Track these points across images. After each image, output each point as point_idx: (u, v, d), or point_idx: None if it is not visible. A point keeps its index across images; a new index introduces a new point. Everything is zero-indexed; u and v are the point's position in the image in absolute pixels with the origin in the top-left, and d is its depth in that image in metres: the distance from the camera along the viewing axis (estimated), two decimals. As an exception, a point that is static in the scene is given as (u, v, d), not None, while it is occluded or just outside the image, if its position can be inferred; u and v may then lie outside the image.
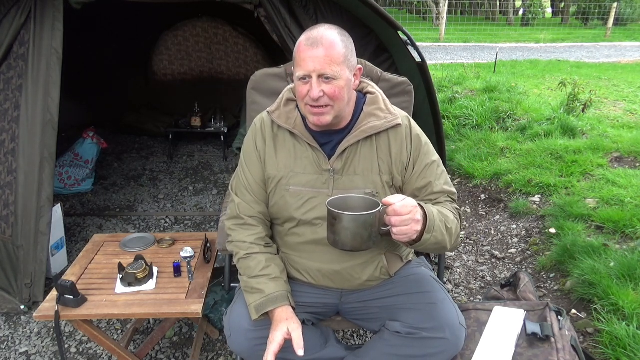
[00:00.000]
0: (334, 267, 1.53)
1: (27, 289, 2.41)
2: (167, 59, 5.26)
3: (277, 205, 1.55)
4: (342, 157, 1.49)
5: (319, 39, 1.36)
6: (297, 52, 1.40)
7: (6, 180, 2.41)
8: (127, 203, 3.69)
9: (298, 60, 1.40)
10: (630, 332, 1.92)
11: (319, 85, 1.37)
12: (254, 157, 1.56)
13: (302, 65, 1.38)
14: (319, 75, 1.36)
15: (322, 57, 1.35)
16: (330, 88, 1.37)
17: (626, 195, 3.00)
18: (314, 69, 1.36)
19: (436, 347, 1.45)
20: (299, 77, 1.40)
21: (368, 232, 1.27)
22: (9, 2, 2.33)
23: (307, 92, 1.39)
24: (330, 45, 1.36)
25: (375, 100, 1.54)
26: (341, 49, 1.38)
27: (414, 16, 18.32)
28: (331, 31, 1.40)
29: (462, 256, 2.95)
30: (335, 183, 1.50)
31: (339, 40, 1.39)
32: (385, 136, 1.51)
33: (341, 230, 1.27)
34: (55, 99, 2.41)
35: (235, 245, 1.57)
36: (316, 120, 1.43)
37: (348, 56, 1.41)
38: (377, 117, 1.50)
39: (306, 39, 1.39)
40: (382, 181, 1.50)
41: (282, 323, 1.39)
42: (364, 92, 1.58)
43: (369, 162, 1.50)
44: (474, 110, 4.88)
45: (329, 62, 1.35)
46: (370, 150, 1.50)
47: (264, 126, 1.57)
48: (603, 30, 15.64)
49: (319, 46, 1.35)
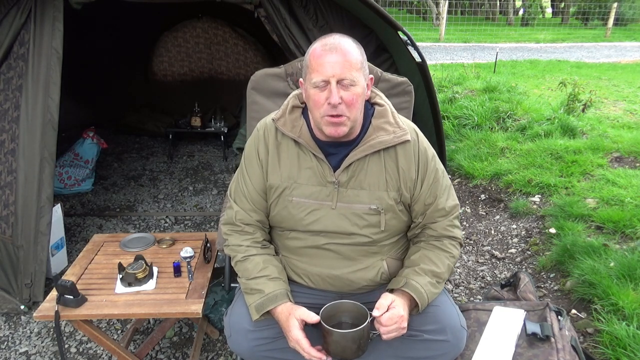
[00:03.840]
0: (334, 272, 1.52)
1: (27, 289, 2.41)
2: (167, 61, 5.26)
3: (279, 215, 1.53)
4: (348, 170, 1.46)
5: (337, 44, 1.34)
6: (312, 58, 1.36)
7: (6, 180, 2.41)
8: (127, 203, 3.69)
9: (315, 66, 1.34)
10: (630, 332, 1.91)
11: (338, 91, 1.33)
12: (255, 165, 1.53)
13: (320, 70, 1.33)
14: (338, 80, 1.33)
15: (341, 62, 1.32)
16: (349, 95, 1.34)
17: (626, 195, 3.00)
18: (332, 74, 1.32)
19: (438, 349, 1.46)
20: (315, 84, 1.35)
21: (357, 344, 1.35)
22: (9, 2, 2.33)
23: (325, 100, 1.34)
24: (348, 51, 1.34)
25: (384, 113, 1.49)
26: (358, 55, 1.37)
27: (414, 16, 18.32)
28: (346, 39, 1.38)
29: (462, 256, 2.95)
30: (340, 196, 1.47)
31: (356, 47, 1.38)
32: (393, 151, 1.48)
33: (332, 343, 1.34)
34: (55, 99, 2.41)
35: (231, 249, 1.55)
36: (333, 132, 1.37)
37: (363, 63, 1.39)
38: (386, 131, 1.46)
39: (322, 44, 1.36)
40: (389, 197, 1.47)
41: (290, 320, 1.38)
42: (372, 102, 1.53)
43: (376, 177, 1.47)
44: (474, 110, 4.88)
45: (348, 67, 1.33)
46: (378, 165, 1.47)
47: (268, 133, 1.53)
48: (603, 30, 15.64)
49: (337, 51, 1.33)
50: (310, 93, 1.38)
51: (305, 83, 1.41)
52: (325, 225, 1.48)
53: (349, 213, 1.47)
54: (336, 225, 1.47)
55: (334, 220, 1.47)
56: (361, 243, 1.50)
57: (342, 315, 1.44)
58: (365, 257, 1.52)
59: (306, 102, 1.45)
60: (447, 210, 1.52)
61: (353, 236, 1.49)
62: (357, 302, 1.43)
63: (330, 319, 1.40)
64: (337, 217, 1.47)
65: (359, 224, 1.47)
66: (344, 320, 1.44)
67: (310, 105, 1.40)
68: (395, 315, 1.34)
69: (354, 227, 1.47)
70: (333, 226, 1.47)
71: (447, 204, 1.52)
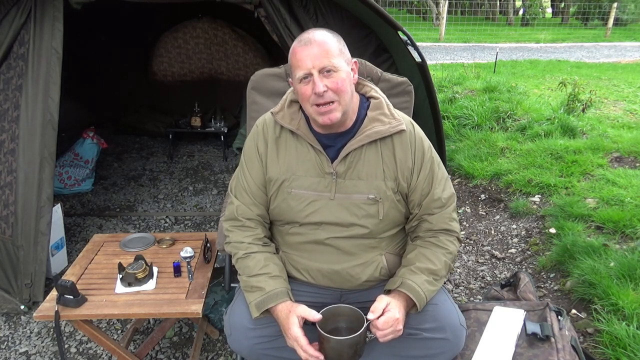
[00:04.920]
0: (334, 267, 1.53)
1: (27, 289, 2.42)
2: (167, 61, 5.26)
3: (278, 208, 1.54)
4: (346, 160, 1.49)
5: (310, 38, 1.41)
6: (292, 56, 1.43)
7: (6, 180, 2.41)
8: (127, 203, 3.69)
9: (295, 62, 1.41)
10: (630, 332, 1.92)
11: (321, 80, 1.38)
12: (255, 159, 1.56)
13: (301, 65, 1.39)
14: (319, 70, 1.38)
15: (318, 52, 1.38)
16: (333, 81, 1.38)
17: (626, 195, 3.00)
18: (312, 65, 1.38)
19: (437, 348, 1.46)
20: (299, 79, 1.41)
21: (353, 349, 1.35)
22: (9, 2, 2.33)
23: (311, 91, 1.39)
24: (322, 41, 1.40)
25: (379, 106, 1.53)
26: (334, 42, 1.42)
27: (414, 16, 18.32)
28: (320, 30, 1.44)
29: (462, 256, 2.95)
30: (338, 187, 1.49)
31: (330, 36, 1.43)
32: (389, 141, 1.50)
33: (329, 349, 1.35)
34: (55, 99, 2.41)
35: (233, 246, 1.56)
36: (326, 120, 1.41)
37: (342, 49, 1.44)
38: (381, 122, 1.50)
39: (298, 41, 1.43)
40: (387, 187, 1.49)
41: (290, 318, 1.38)
42: (367, 96, 1.57)
43: (374, 167, 1.49)
44: (474, 110, 4.88)
45: (325, 55, 1.38)
46: (375, 155, 1.49)
47: (267, 128, 1.57)
48: (603, 30, 15.64)
49: (312, 44, 1.39)
50: (298, 88, 1.43)
51: (293, 82, 1.46)
52: (324, 216, 1.49)
53: (348, 203, 1.49)
54: (335, 216, 1.49)
55: (333, 211, 1.49)
56: (360, 235, 1.51)
57: (338, 319, 1.44)
58: (364, 252, 1.53)
59: (298, 99, 1.49)
60: (443, 201, 1.53)
61: (352, 227, 1.50)
62: (354, 307, 1.44)
63: (327, 323, 1.40)
64: (336, 208, 1.49)
65: (357, 214, 1.49)
66: (341, 324, 1.44)
67: (301, 100, 1.46)
68: (390, 319, 1.35)
69: (353, 218, 1.49)
70: (332, 217, 1.49)
71: (443, 194, 1.53)
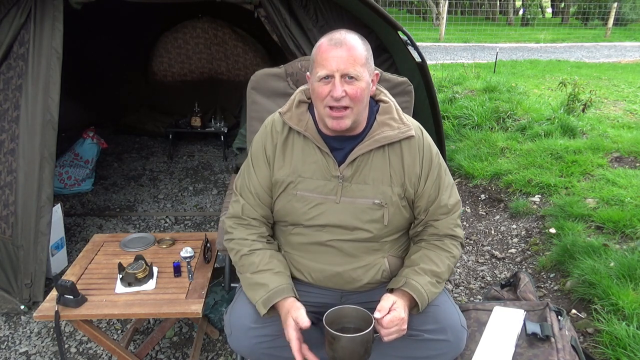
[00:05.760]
0: (336, 269, 1.53)
1: (27, 289, 2.41)
2: (166, 62, 5.26)
3: (283, 210, 1.54)
4: (353, 164, 1.48)
5: (342, 39, 1.38)
6: (318, 52, 1.40)
7: (6, 180, 2.41)
8: (127, 203, 3.69)
9: (320, 60, 1.38)
10: (630, 332, 1.92)
11: (341, 84, 1.36)
12: (262, 161, 1.55)
13: (325, 65, 1.37)
14: (342, 74, 1.36)
15: (345, 57, 1.35)
16: (352, 89, 1.37)
17: (626, 195, 3.00)
18: (337, 68, 1.35)
19: (438, 349, 1.46)
20: (320, 77, 1.38)
21: (364, 347, 1.34)
22: (9, 2, 2.33)
23: (328, 93, 1.37)
24: (353, 47, 1.37)
25: (389, 110, 1.53)
26: (363, 51, 1.40)
27: (414, 16, 18.33)
28: (353, 35, 1.42)
29: (462, 256, 2.95)
30: (344, 190, 1.48)
31: (361, 43, 1.41)
32: (398, 147, 1.50)
33: (339, 349, 1.33)
34: (55, 99, 2.41)
35: (236, 242, 1.55)
36: (335, 125, 1.40)
37: (369, 59, 1.42)
38: (390, 127, 1.49)
39: (328, 39, 1.39)
40: (393, 192, 1.49)
41: (287, 319, 1.38)
42: (377, 99, 1.56)
43: (381, 172, 1.49)
44: (474, 110, 4.88)
45: (352, 62, 1.36)
46: (382, 161, 1.49)
47: (275, 128, 1.56)
48: (603, 30, 15.64)
49: (342, 46, 1.36)
50: (315, 86, 1.41)
51: (311, 77, 1.44)
52: (329, 219, 1.49)
53: (353, 207, 1.48)
54: (339, 219, 1.49)
55: (338, 214, 1.48)
56: (363, 239, 1.50)
57: (344, 320, 1.43)
58: (366, 255, 1.53)
59: (311, 95, 1.48)
60: (449, 207, 1.53)
61: (356, 231, 1.49)
62: (359, 307, 1.43)
63: (332, 325, 1.39)
64: (341, 211, 1.48)
65: (362, 219, 1.49)
66: (347, 325, 1.43)
67: (314, 97, 1.44)
68: (396, 318, 1.35)
69: (357, 222, 1.48)
70: (336, 220, 1.49)
71: (449, 201, 1.53)
